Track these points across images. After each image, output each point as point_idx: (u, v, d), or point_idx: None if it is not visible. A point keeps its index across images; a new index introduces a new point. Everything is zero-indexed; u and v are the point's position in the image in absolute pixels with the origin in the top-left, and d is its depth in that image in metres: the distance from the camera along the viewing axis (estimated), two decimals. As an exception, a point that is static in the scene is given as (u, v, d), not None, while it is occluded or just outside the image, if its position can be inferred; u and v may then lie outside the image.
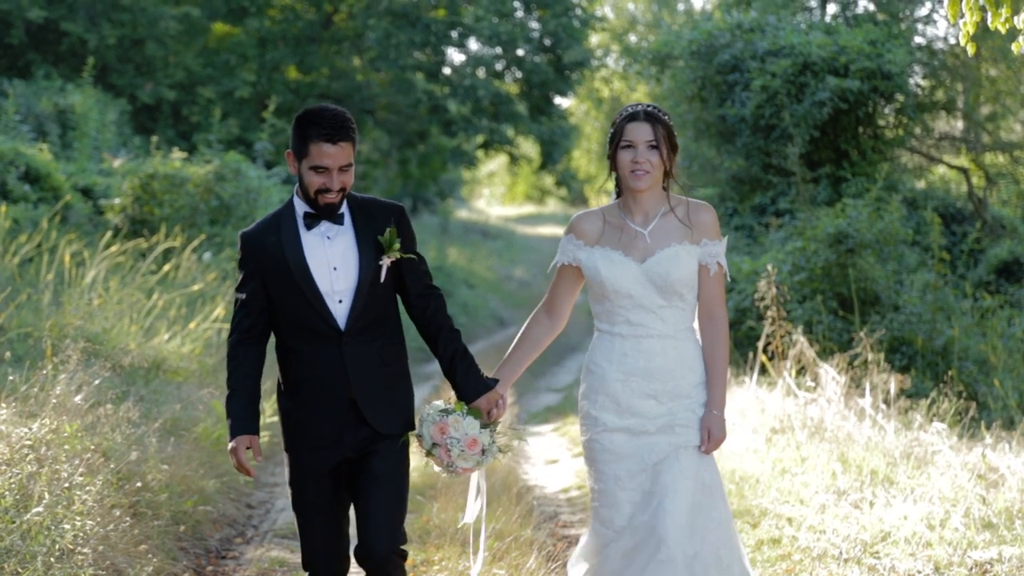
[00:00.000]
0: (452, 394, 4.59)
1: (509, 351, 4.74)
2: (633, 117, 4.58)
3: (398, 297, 4.64)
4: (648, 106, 4.61)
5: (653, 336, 4.58)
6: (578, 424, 4.81)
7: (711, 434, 4.58)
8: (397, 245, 4.49)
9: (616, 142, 4.59)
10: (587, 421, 4.67)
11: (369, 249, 4.50)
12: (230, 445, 4.52)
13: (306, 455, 4.54)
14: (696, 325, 4.69)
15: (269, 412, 8.34)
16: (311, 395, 4.52)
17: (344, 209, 4.55)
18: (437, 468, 4.56)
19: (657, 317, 4.57)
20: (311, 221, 4.51)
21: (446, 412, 4.49)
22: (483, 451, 4.54)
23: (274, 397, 7.74)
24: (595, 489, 4.68)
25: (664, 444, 4.57)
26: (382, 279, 4.49)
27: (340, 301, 4.48)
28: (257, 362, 4.57)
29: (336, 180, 4.43)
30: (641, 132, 4.56)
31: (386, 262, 4.49)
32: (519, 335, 4.78)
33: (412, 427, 4.58)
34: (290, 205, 4.56)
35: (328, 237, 4.51)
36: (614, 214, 4.66)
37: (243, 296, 4.53)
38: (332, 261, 4.49)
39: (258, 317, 4.53)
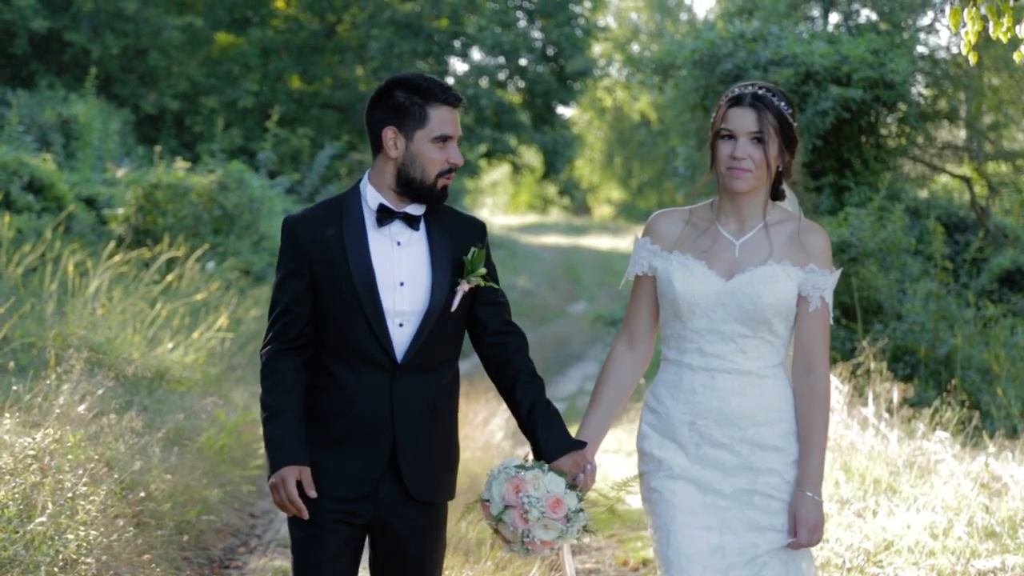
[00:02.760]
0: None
1: (590, 402, 3.82)
2: (737, 101, 3.68)
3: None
4: (760, 87, 3.69)
5: (729, 371, 3.69)
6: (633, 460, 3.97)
7: (802, 522, 3.64)
8: (483, 270, 3.71)
9: (716, 129, 3.71)
10: (648, 464, 3.78)
11: (444, 267, 3.69)
12: (272, 479, 3.64)
13: (329, 506, 3.66)
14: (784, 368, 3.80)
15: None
16: (345, 433, 3.67)
17: (422, 212, 3.73)
18: (506, 547, 3.67)
19: (737, 348, 3.69)
20: (384, 216, 3.66)
21: (523, 468, 3.64)
22: (567, 518, 3.61)
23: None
24: (659, 555, 3.74)
25: (738, 521, 3.68)
26: (454, 306, 3.68)
27: (401, 325, 3.66)
28: (301, 376, 3.69)
29: (457, 154, 3.68)
30: (744, 120, 3.66)
31: (464, 287, 3.69)
32: (599, 379, 3.84)
33: (452, 495, 3.79)
34: (355, 193, 3.71)
35: (399, 242, 3.69)
36: (703, 214, 3.79)
37: (286, 300, 3.67)
38: (399, 273, 3.66)
39: (305, 325, 3.68)
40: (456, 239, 3.74)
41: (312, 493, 3.65)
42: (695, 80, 15.53)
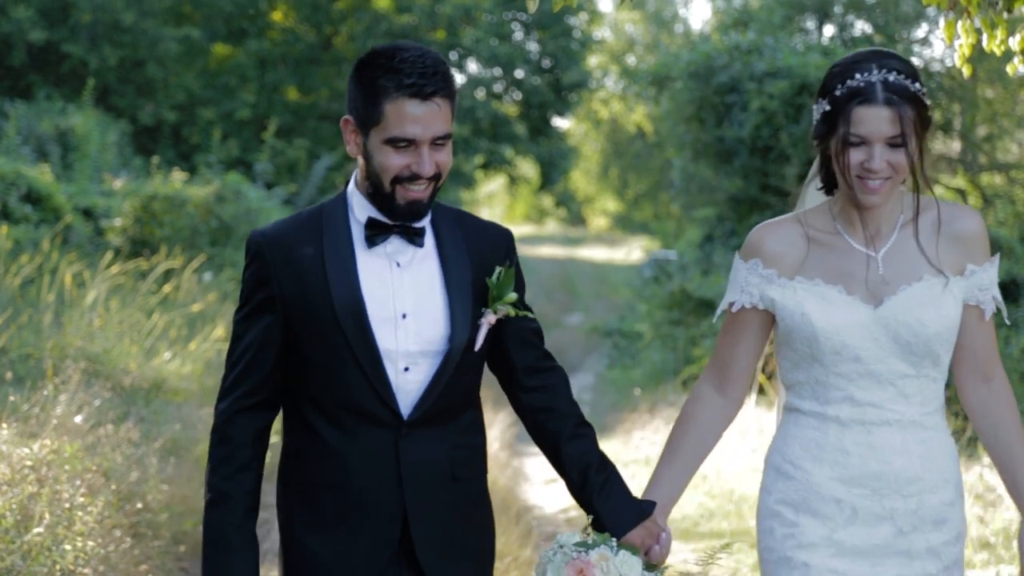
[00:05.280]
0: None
1: (664, 454, 3.07)
2: (867, 97, 2.85)
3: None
4: (888, 72, 2.86)
5: (891, 423, 2.92)
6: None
7: None
8: (512, 295, 2.89)
9: (836, 130, 2.89)
10: (778, 526, 3.01)
11: (463, 292, 2.87)
12: None
13: None
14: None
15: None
16: (340, 514, 2.85)
17: (426, 222, 2.89)
18: None
19: (897, 392, 2.91)
20: (375, 233, 2.85)
21: (585, 546, 2.86)
22: None
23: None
24: None
25: None
26: (478, 344, 2.87)
27: (406, 369, 2.83)
28: (259, 449, 2.88)
29: (428, 160, 2.78)
30: (880, 122, 2.85)
31: (490, 319, 2.87)
32: (676, 426, 3.08)
33: None
34: (341, 203, 2.90)
35: (398, 264, 2.86)
36: (821, 223, 2.98)
37: (249, 340, 2.85)
38: (401, 303, 2.84)
39: (268, 375, 2.86)
40: (477, 254, 2.90)
41: None
42: (691, 92, 15.58)
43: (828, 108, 2.93)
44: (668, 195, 22.09)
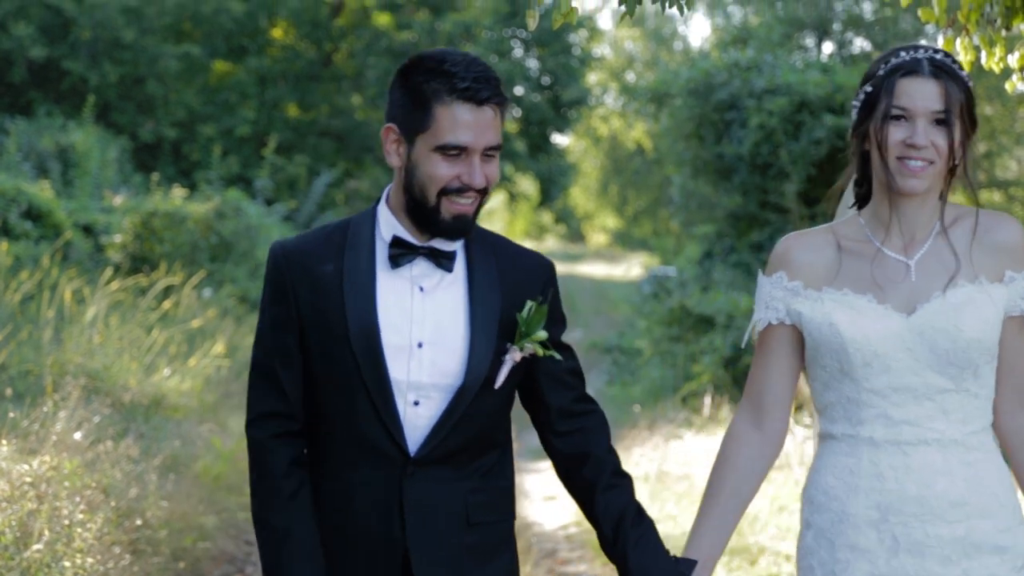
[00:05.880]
0: None
1: (704, 502, 2.82)
2: (912, 68, 2.66)
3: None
4: (935, 53, 2.69)
5: (929, 443, 2.68)
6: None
7: None
8: (542, 334, 2.66)
9: (874, 108, 2.70)
10: (818, 565, 2.75)
11: (488, 324, 2.66)
12: None
13: None
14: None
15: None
16: (340, 555, 2.68)
17: (457, 245, 2.71)
18: None
19: (936, 408, 2.68)
20: (400, 253, 2.66)
21: None
22: None
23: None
24: None
25: None
26: (499, 381, 2.66)
27: (416, 403, 2.65)
28: (303, 477, 2.70)
29: (479, 171, 2.62)
30: (925, 95, 2.65)
31: (515, 356, 2.66)
32: (714, 469, 2.84)
33: None
34: (368, 219, 2.72)
35: (421, 288, 2.67)
36: (852, 232, 2.79)
37: (270, 359, 2.70)
38: (419, 331, 2.65)
39: (297, 397, 2.71)
40: (510, 284, 2.70)
41: None
42: (690, 109, 15.62)
43: (869, 90, 2.73)
44: (667, 212, 22.12)
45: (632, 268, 32.60)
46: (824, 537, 2.74)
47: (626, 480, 2.77)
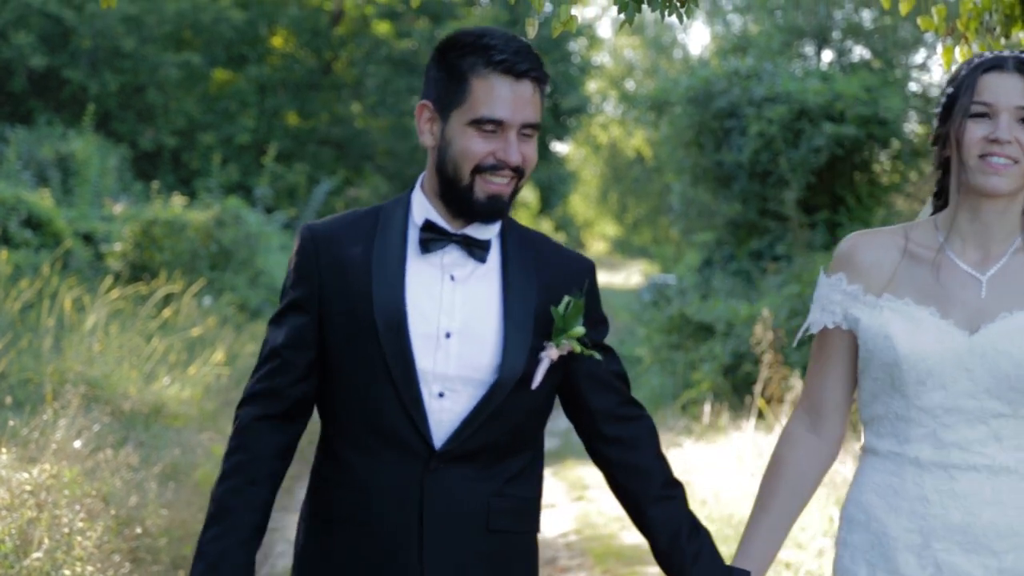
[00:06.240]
0: None
1: (755, 508, 2.70)
2: (996, 64, 2.54)
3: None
4: (1020, 51, 2.58)
5: (978, 469, 2.53)
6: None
7: None
8: (580, 330, 2.54)
9: (955, 106, 2.56)
10: None
11: (522, 319, 2.54)
12: None
13: None
14: None
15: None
16: (355, 550, 2.54)
17: (494, 235, 2.59)
18: None
19: (990, 433, 2.53)
20: (431, 238, 2.55)
21: None
22: None
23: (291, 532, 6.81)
24: None
25: None
26: (536, 381, 2.54)
27: (441, 395, 2.52)
28: (279, 468, 2.59)
29: (515, 148, 2.50)
30: (1009, 89, 2.52)
31: (552, 354, 2.53)
32: (767, 474, 2.71)
33: None
34: (402, 203, 2.60)
35: (452, 276, 2.55)
36: (924, 238, 2.62)
37: (279, 340, 2.57)
38: (448, 321, 2.53)
39: (298, 379, 2.57)
40: (547, 281, 2.57)
41: None
42: (689, 117, 15.64)
43: (951, 91, 2.59)
44: (667, 219, 22.13)
45: (632, 276, 32.62)
46: (863, 559, 2.60)
47: (679, 490, 2.65)
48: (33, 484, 5.59)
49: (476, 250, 2.55)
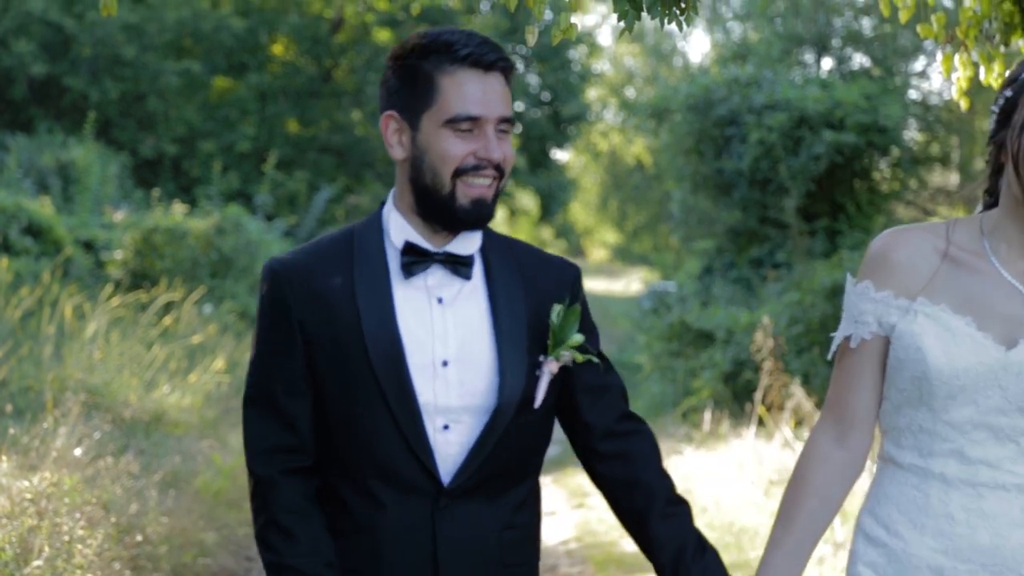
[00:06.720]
0: None
1: (776, 524, 2.51)
2: None
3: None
4: None
5: (1007, 488, 2.38)
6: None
7: None
8: (579, 338, 2.41)
9: (1014, 114, 2.39)
10: None
11: (517, 335, 2.40)
12: None
13: None
14: None
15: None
16: None
17: (476, 249, 2.44)
18: None
19: (1020, 451, 2.38)
20: (413, 261, 2.38)
21: None
22: None
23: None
24: None
25: None
26: (539, 400, 2.40)
27: (446, 427, 2.37)
28: (322, 518, 2.39)
29: (495, 144, 2.37)
30: None
31: (552, 367, 2.40)
32: (789, 487, 2.51)
33: None
34: (374, 225, 2.44)
35: (439, 299, 2.40)
36: (968, 241, 2.44)
37: (275, 391, 2.38)
38: (442, 348, 2.38)
39: (308, 430, 2.40)
40: (534, 291, 2.43)
41: None
42: (689, 124, 15.66)
43: (1009, 95, 2.41)
44: (667, 227, 22.15)
45: (632, 283, 32.62)
46: (877, 571, 2.45)
47: (683, 507, 2.48)
48: (33, 492, 5.59)
49: (460, 267, 2.39)
